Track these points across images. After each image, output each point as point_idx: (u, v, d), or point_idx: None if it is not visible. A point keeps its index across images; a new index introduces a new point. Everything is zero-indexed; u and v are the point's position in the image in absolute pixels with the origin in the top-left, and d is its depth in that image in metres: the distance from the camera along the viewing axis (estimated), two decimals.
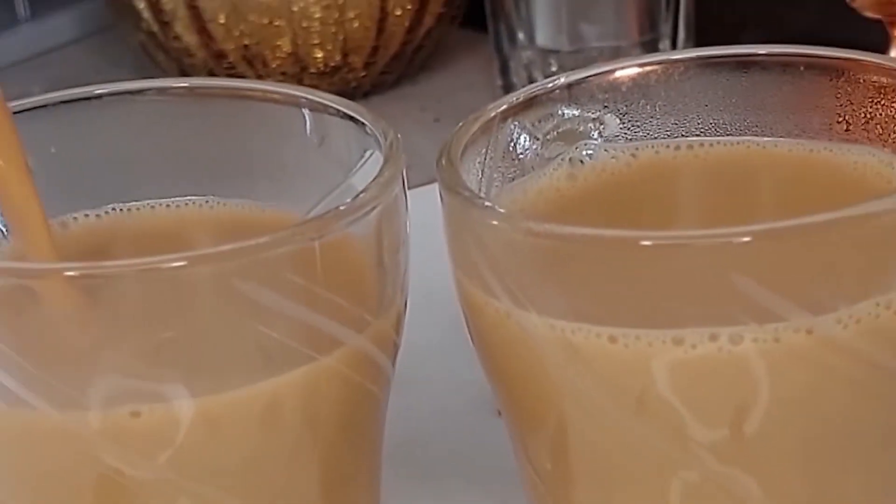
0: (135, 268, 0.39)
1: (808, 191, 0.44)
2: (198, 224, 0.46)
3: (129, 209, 0.46)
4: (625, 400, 0.39)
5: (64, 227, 0.45)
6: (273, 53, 0.79)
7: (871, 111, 0.44)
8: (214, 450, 0.40)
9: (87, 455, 0.40)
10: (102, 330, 0.39)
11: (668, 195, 0.45)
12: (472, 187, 0.41)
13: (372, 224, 0.41)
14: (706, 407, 0.39)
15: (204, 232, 0.46)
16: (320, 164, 0.45)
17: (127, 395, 0.39)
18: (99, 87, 0.46)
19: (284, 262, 0.39)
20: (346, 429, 0.42)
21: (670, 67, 0.45)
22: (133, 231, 0.46)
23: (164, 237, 0.46)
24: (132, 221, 0.46)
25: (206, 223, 0.46)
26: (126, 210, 0.46)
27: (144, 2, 0.79)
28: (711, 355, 0.38)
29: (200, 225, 0.46)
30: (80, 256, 0.44)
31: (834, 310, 0.38)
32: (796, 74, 0.44)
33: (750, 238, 0.37)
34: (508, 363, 0.41)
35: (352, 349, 0.41)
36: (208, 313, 0.40)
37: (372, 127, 0.43)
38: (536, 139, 0.44)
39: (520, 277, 0.39)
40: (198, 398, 0.39)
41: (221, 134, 0.47)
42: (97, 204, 0.46)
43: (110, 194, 0.46)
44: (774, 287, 0.37)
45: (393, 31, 0.80)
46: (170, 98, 0.47)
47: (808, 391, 0.39)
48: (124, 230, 0.46)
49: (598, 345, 0.38)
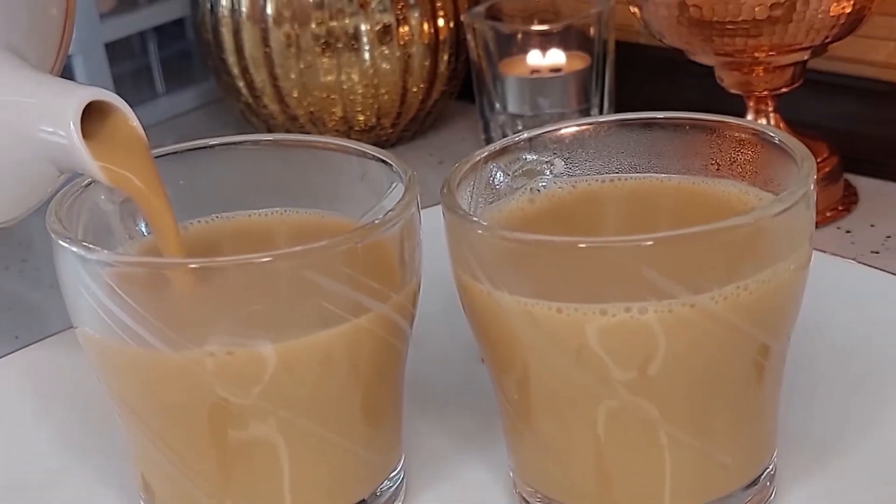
0: (236, 262, 0.39)
1: (691, 211, 0.44)
2: (278, 226, 0.46)
3: (230, 217, 0.46)
4: (567, 352, 0.39)
5: (185, 229, 0.45)
6: (329, 117, 0.79)
7: (734, 157, 0.43)
8: (290, 386, 0.40)
9: (204, 388, 0.40)
10: (212, 303, 0.39)
11: (597, 214, 0.45)
12: (465, 208, 0.41)
13: (397, 232, 0.41)
14: (622, 357, 0.39)
15: (282, 232, 0.46)
16: (362, 191, 0.45)
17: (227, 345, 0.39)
18: (212, 139, 0.46)
19: (337, 258, 0.39)
20: (378, 371, 0.42)
21: (598, 127, 0.45)
22: (233, 231, 0.46)
23: (255, 235, 0.46)
24: (232, 225, 0.46)
25: (284, 226, 0.46)
26: (227, 217, 0.46)
27: (243, 81, 0.79)
28: (626, 321, 0.38)
29: (280, 227, 0.46)
30: (196, 250, 0.44)
31: (709, 290, 0.38)
32: (683, 132, 0.44)
33: (652, 242, 0.37)
34: (489, 327, 0.41)
35: (381, 315, 0.41)
36: (284, 292, 0.39)
37: (397, 167, 0.43)
38: (507, 175, 0.44)
39: (496, 269, 0.39)
40: (277, 348, 0.39)
41: (295, 171, 0.46)
42: (208, 213, 0.46)
43: (218, 209, 0.46)
44: (669, 275, 0.37)
45: (411, 103, 0.80)
46: (260, 147, 0.47)
47: (691, 346, 0.39)
48: (227, 230, 0.46)
49: (549, 314, 0.38)
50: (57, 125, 0.40)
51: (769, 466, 0.43)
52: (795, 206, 0.39)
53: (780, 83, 0.65)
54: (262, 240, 0.46)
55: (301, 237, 0.45)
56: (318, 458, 0.42)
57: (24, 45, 0.43)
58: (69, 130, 0.40)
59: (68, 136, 0.40)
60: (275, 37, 0.77)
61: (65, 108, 0.40)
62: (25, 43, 0.43)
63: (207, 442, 0.41)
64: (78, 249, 0.40)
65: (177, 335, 0.39)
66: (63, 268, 0.41)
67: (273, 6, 0.77)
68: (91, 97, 0.40)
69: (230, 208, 0.46)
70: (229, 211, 0.46)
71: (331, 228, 0.44)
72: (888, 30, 0.70)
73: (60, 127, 0.40)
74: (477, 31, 0.75)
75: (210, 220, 0.46)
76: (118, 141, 0.41)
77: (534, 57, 0.75)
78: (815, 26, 0.61)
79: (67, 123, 0.40)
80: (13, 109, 0.41)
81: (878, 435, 0.45)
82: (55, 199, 0.42)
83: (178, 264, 0.40)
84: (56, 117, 0.40)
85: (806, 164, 0.40)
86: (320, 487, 0.42)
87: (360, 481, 0.43)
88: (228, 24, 0.79)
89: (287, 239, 0.46)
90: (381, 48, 0.78)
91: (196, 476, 0.42)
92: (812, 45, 0.62)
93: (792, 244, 0.39)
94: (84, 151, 0.40)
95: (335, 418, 0.42)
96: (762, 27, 0.61)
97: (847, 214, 0.68)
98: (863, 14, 0.62)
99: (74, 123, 0.40)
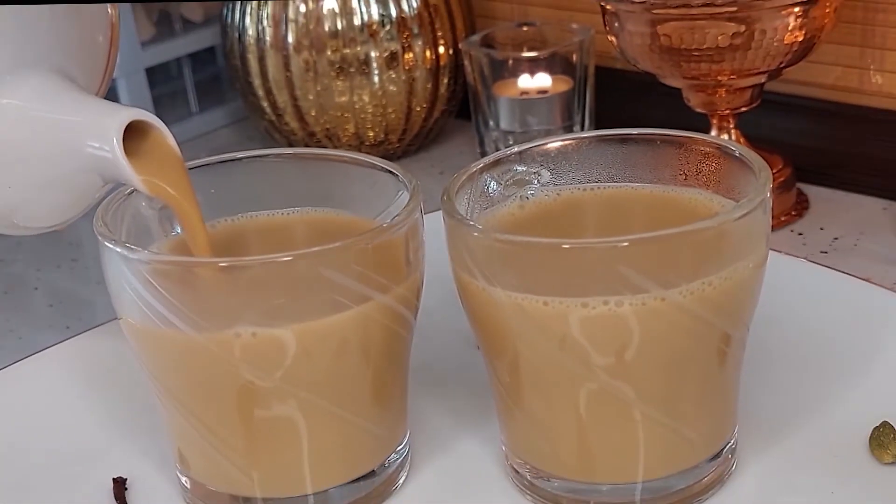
0: (261, 261, 0.39)
1: (662, 214, 0.44)
2: (297, 224, 0.46)
3: (254, 216, 0.46)
4: (552, 340, 0.39)
5: (213, 227, 0.44)
6: (343, 133, 0.79)
7: (699, 168, 0.43)
8: (308, 370, 0.40)
9: (233, 371, 0.40)
10: (239, 296, 0.39)
11: (579, 218, 0.45)
12: (462, 213, 0.41)
13: (402, 234, 0.41)
14: (601, 345, 0.38)
15: (300, 229, 0.46)
16: (372, 198, 0.45)
17: (252, 334, 0.39)
18: (239, 153, 0.46)
19: (350, 257, 0.39)
20: (386, 357, 0.42)
21: (580, 142, 0.45)
22: (256, 228, 0.46)
23: (277, 231, 0.45)
24: (255, 223, 0.46)
25: (302, 224, 0.46)
26: (251, 216, 0.46)
27: (267, 102, 0.79)
28: (604, 313, 0.38)
29: (299, 224, 0.46)
30: (224, 245, 0.44)
31: (678, 286, 0.38)
32: (655, 146, 0.44)
33: (627, 243, 0.37)
34: (484, 318, 0.41)
35: (388, 307, 0.41)
36: (303, 287, 0.39)
37: (402, 177, 0.43)
38: (500, 184, 0.44)
39: (490, 267, 0.39)
40: (297, 336, 0.39)
41: (313, 180, 0.46)
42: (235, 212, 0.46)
43: (245, 212, 0.46)
44: (642, 272, 0.37)
45: (415, 120, 0.80)
46: (282, 159, 0.47)
47: (662, 335, 0.38)
48: (251, 228, 0.46)
49: (536, 306, 0.38)
50: (102, 142, 0.40)
51: (731, 441, 0.43)
52: (754, 211, 0.39)
53: (741, 103, 0.65)
54: (283, 236, 0.45)
55: (317, 233, 0.45)
56: (333, 433, 0.42)
57: (73, 69, 0.43)
58: (113, 146, 0.40)
59: (112, 151, 0.40)
60: (295, 62, 0.77)
61: (109, 127, 0.40)
62: (74, 67, 0.43)
63: (236, 419, 0.41)
64: (121, 250, 0.40)
65: (208, 325, 0.39)
66: (108, 266, 0.41)
67: (293, 35, 0.77)
68: (132, 117, 0.40)
69: (256, 210, 0.46)
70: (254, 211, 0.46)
71: (344, 226, 0.44)
72: (836, 56, 0.70)
73: (105, 143, 0.40)
74: (473, 57, 0.75)
75: (236, 220, 0.46)
76: (156, 155, 0.41)
77: (523, 80, 0.75)
78: (771, 53, 0.61)
79: (111, 140, 0.40)
80: (64, 127, 0.41)
81: (825, 413, 0.45)
82: (101, 206, 0.42)
83: (209, 262, 0.40)
84: (101, 134, 0.40)
85: (763, 174, 0.40)
86: (335, 459, 0.42)
87: (370, 454, 0.43)
88: (254, 52, 0.79)
89: (305, 235, 0.46)
90: (389, 72, 0.78)
91: (226, 449, 0.41)
92: (769, 69, 0.63)
93: (751, 245, 0.39)
94: (126, 165, 0.40)
95: (348, 398, 0.41)
96: (724, 54, 0.61)
97: (799, 219, 0.68)
98: (813, 42, 0.62)
99: (118, 140, 0.40)
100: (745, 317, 0.41)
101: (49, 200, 0.44)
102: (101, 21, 0.45)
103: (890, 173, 0.69)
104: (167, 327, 0.39)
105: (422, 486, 0.44)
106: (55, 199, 0.44)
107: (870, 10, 0.67)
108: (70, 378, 0.51)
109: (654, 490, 0.41)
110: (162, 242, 0.44)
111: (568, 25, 0.77)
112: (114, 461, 0.46)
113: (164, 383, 0.42)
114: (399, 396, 0.44)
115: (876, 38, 0.68)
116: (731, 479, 0.42)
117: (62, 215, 0.45)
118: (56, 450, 0.47)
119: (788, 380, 0.47)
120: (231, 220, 0.46)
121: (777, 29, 0.60)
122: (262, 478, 0.42)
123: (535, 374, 0.40)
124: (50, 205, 0.44)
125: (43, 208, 0.44)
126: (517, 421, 0.42)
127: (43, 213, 0.44)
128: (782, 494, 0.42)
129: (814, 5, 0.60)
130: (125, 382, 0.49)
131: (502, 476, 0.44)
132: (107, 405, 0.49)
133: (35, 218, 0.44)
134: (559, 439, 0.41)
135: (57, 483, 0.45)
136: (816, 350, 0.49)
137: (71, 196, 0.44)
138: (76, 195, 0.44)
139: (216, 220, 0.45)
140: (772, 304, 0.44)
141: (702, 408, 0.41)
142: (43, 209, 0.44)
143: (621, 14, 0.63)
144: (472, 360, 0.47)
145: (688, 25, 0.60)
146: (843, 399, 0.46)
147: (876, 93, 0.69)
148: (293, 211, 0.46)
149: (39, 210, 0.44)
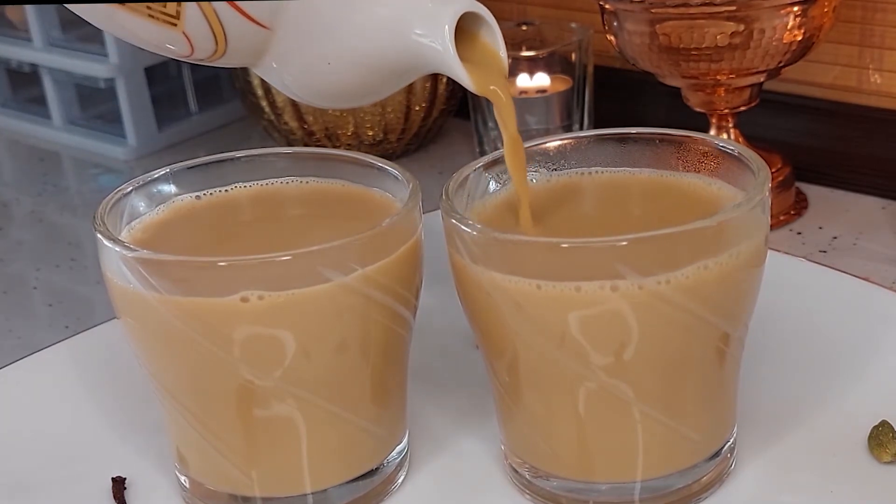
0: (259, 260, 0.38)
1: (661, 203, 0.43)
2: (298, 192, 0.45)
3: (249, 185, 0.45)
4: (552, 334, 0.38)
5: (198, 199, 0.44)
6: (343, 132, 0.79)
7: (698, 167, 0.43)
8: (308, 368, 0.40)
9: (232, 371, 0.40)
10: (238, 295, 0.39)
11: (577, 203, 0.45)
12: (460, 212, 0.41)
13: (402, 234, 0.41)
14: (600, 341, 0.38)
15: (295, 198, 0.45)
16: (371, 196, 0.45)
17: (251, 333, 0.39)
18: (238, 152, 0.46)
19: (348, 256, 0.39)
20: (385, 356, 0.42)
21: (578, 141, 0.45)
22: (251, 197, 0.45)
23: (270, 200, 0.45)
24: (252, 192, 0.45)
25: (306, 192, 0.45)
26: (247, 186, 0.46)
27: (265, 101, 0.79)
28: (599, 297, 0.37)
29: (296, 194, 0.46)
30: (221, 216, 0.44)
31: (678, 285, 0.38)
32: (654, 145, 0.44)
33: (626, 242, 0.37)
34: (480, 312, 0.40)
35: (387, 306, 0.41)
36: (302, 286, 0.39)
37: (402, 176, 0.43)
38: (499, 184, 0.44)
39: (488, 261, 0.39)
40: (295, 336, 0.39)
41: (311, 180, 0.46)
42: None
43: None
44: (640, 269, 0.37)
45: (414, 120, 0.80)
46: (281, 158, 0.47)
47: (659, 330, 0.38)
48: (245, 197, 0.45)
49: (530, 290, 0.38)
50: (431, 31, 0.37)
51: (730, 440, 0.43)
52: (753, 210, 0.39)
53: (739, 102, 0.65)
54: (284, 205, 0.45)
55: (319, 201, 0.44)
56: (332, 433, 0.42)
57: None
58: (443, 36, 0.37)
59: (442, 41, 0.37)
60: None
61: (441, 15, 0.37)
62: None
63: (235, 418, 0.41)
64: (120, 249, 0.40)
65: (208, 324, 0.39)
66: (107, 265, 0.41)
67: None
68: (465, 8, 0.38)
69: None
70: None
71: (348, 194, 0.44)
72: (834, 55, 0.70)
73: (435, 34, 0.37)
74: None
75: (227, 190, 0.45)
76: (478, 51, 0.39)
77: (522, 79, 0.75)
78: (770, 52, 0.61)
79: (442, 29, 0.37)
80: (396, 11, 0.38)
81: (824, 412, 0.45)
82: (100, 206, 0.42)
83: (207, 262, 0.40)
84: (431, 23, 0.37)
85: (762, 173, 0.40)
86: (334, 459, 0.42)
87: (369, 453, 0.43)
88: None
89: (298, 203, 0.45)
90: None
91: (225, 448, 0.41)
92: (767, 68, 0.62)
93: (749, 243, 0.39)
94: (457, 61, 0.37)
95: (348, 398, 0.41)
96: (723, 53, 0.61)
97: (798, 218, 0.68)
98: (812, 42, 0.62)
99: (450, 29, 0.37)
100: (744, 316, 0.41)
101: (361, 81, 0.41)
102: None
103: (889, 172, 0.69)
104: (166, 327, 0.39)
105: (421, 486, 0.44)
106: (368, 80, 0.41)
107: (868, 9, 0.68)
108: (69, 378, 0.51)
109: (653, 489, 0.41)
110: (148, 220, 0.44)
111: (567, 25, 0.77)
112: (113, 460, 0.46)
113: (163, 382, 0.42)
114: (398, 396, 0.44)
115: (874, 38, 0.68)
116: (730, 478, 0.42)
117: (368, 97, 0.42)
118: (55, 449, 0.47)
119: (787, 379, 0.47)
120: (222, 191, 0.45)
121: (776, 28, 0.60)
122: (261, 477, 0.42)
123: (534, 373, 0.40)
124: (360, 85, 0.41)
125: (354, 87, 0.41)
126: (516, 420, 0.42)
127: (350, 91, 0.41)
128: (781, 493, 0.42)
129: (812, 5, 0.60)
130: (124, 382, 0.49)
131: (501, 475, 0.44)
132: (106, 405, 0.49)
133: (341, 96, 0.42)
134: (558, 438, 0.41)
135: (56, 482, 0.45)
136: (815, 349, 0.49)
137: (382, 79, 0.41)
138: (390, 80, 0.41)
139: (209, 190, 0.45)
140: (771, 303, 0.44)
141: (701, 407, 0.41)
142: (353, 88, 0.41)
143: (620, 13, 0.63)
144: (471, 359, 0.47)
145: (687, 25, 0.60)
146: (841, 398, 0.46)
147: (875, 92, 0.69)
148: (294, 181, 0.45)
149: (348, 88, 0.41)
